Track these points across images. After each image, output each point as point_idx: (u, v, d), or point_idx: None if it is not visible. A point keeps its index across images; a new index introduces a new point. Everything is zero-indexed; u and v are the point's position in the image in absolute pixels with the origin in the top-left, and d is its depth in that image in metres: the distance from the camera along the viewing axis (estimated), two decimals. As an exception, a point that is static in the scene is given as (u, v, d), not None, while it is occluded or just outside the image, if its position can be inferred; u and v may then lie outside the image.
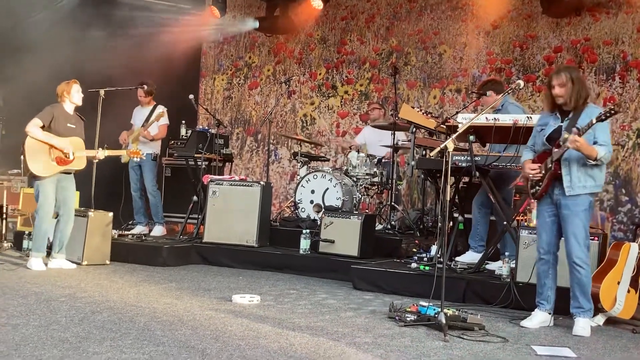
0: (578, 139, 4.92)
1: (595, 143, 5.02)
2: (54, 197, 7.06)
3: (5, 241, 8.16)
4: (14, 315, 4.69)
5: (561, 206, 5.16)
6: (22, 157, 6.95)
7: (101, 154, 7.23)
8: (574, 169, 5.10)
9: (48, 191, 6.99)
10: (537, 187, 5.25)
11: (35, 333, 4.21)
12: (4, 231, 8.24)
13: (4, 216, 8.30)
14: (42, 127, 6.92)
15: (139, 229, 8.85)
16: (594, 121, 4.89)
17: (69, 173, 7.13)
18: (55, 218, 7.16)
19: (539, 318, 5.26)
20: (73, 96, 7.12)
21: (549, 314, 5.28)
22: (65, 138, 7.00)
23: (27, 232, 7.63)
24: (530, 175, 5.27)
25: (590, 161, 5.00)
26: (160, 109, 8.75)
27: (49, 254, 7.16)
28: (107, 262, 7.46)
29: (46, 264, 6.99)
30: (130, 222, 9.09)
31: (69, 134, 7.05)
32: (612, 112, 4.85)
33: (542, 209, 5.32)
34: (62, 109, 7.10)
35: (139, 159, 7.64)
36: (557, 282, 5.34)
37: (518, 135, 5.91)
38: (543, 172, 5.20)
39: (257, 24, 11.04)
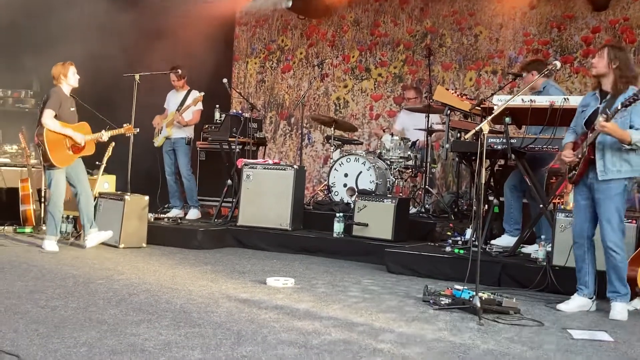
0: (605, 124, 4.82)
1: (631, 127, 4.92)
2: (64, 184, 7.16)
3: (43, 224, 8.29)
4: (52, 297, 4.78)
5: (595, 190, 5.07)
6: (39, 148, 7.03)
7: (105, 135, 7.29)
8: (608, 153, 4.99)
9: (60, 179, 7.09)
10: (574, 172, 5.17)
11: (74, 315, 4.28)
12: (42, 214, 8.38)
13: (43, 200, 8.44)
14: (56, 116, 7.01)
15: (174, 213, 8.93)
16: (620, 107, 4.79)
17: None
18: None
19: (577, 302, 5.19)
20: (70, 78, 7.13)
21: (590, 299, 5.19)
22: (74, 125, 7.08)
23: (65, 216, 7.74)
24: (567, 160, 5.20)
25: (625, 145, 4.90)
26: (197, 93, 8.78)
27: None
28: (144, 245, 7.56)
29: (83, 245, 7.14)
30: (165, 206, 9.18)
31: (72, 118, 7.14)
32: (636, 97, 4.74)
33: (578, 192, 5.24)
34: (62, 92, 7.14)
35: (128, 134, 7.58)
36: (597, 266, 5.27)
37: (554, 117, 5.82)
38: (579, 156, 5.12)
39: (290, 3, 10.95)
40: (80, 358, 3.38)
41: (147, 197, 7.72)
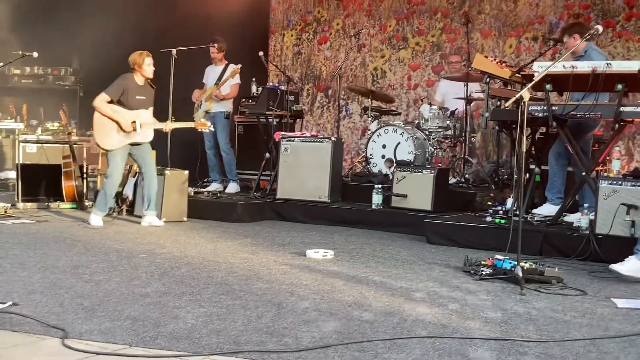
0: None
1: None
2: (122, 167, 7.28)
3: (87, 200, 8.43)
4: (96, 271, 4.86)
5: None
6: (91, 130, 7.15)
7: (168, 126, 7.36)
8: None
9: (117, 161, 7.18)
10: None
11: (117, 288, 4.35)
12: (85, 190, 8.51)
13: (85, 176, 8.57)
14: (110, 101, 7.08)
15: (214, 187, 8.99)
16: None
17: (139, 144, 7.28)
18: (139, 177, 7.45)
19: (633, 265, 5.00)
20: (144, 70, 7.19)
21: None
22: (133, 111, 7.12)
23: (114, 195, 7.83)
24: None
25: None
26: (234, 66, 8.77)
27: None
28: (185, 219, 7.64)
29: (141, 220, 7.32)
30: (205, 180, 9.25)
31: (139, 106, 7.18)
32: None
33: None
34: (133, 80, 7.20)
35: (204, 130, 7.64)
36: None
37: (597, 83, 5.69)
38: None
39: None
40: (124, 331, 3.44)
41: (186, 172, 7.79)
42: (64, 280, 4.55)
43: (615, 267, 5.05)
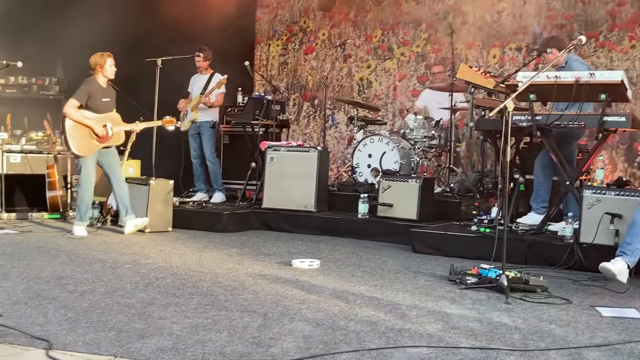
0: None
1: None
2: (93, 172, 7.23)
3: (70, 210, 8.38)
4: (81, 282, 4.83)
5: None
6: (63, 137, 7.13)
7: (138, 127, 7.34)
8: None
9: (89, 166, 7.16)
10: None
11: (102, 299, 4.32)
12: (69, 200, 8.46)
13: (69, 186, 8.52)
14: (80, 106, 7.05)
15: (199, 196, 8.97)
16: None
17: (109, 147, 7.25)
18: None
19: (620, 266, 4.90)
20: (106, 70, 7.17)
21: (628, 268, 4.90)
22: (102, 115, 7.11)
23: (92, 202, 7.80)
24: None
25: None
26: (221, 76, 8.77)
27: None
28: (169, 229, 7.61)
29: (123, 229, 7.25)
30: (190, 190, 9.23)
31: (105, 108, 7.17)
32: None
33: None
34: (96, 83, 7.18)
35: (170, 127, 7.63)
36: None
37: (580, 92, 5.73)
38: None
39: None
40: (109, 342, 3.42)
41: (171, 182, 7.77)
42: (48, 290, 4.52)
43: (605, 264, 4.90)
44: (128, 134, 7.40)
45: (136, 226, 7.22)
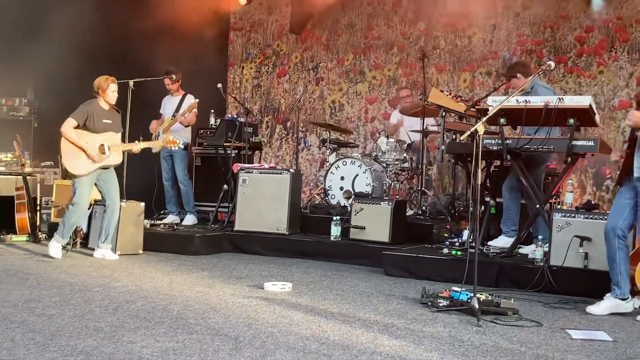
0: (630, 117, 4.79)
1: None
2: (90, 194, 7.20)
3: (39, 232, 8.28)
4: (49, 305, 4.76)
5: (637, 192, 4.96)
6: (59, 156, 7.08)
7: (137, 147, 7.31)
8: None
9: (84, 188, 7.10)
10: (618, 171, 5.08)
11: (71, 323, 4.26)
12: (38, 223, 8.35)
13: (38, 208, 8.41)
14: (77, 126, 7.02)
15: (170, 219, 8.90)
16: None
17: (107, 168, 7.20)
18: (103, 209, 7.32)
19: (608, 304, 5.06)
20: (108, 95, 7.15)
21: (623, 300, 5.04)
22: (100, 135, 7.07)
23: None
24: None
25: None
26: (192, 100, 8.73)
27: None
28: (140, 251, 7.54)
29: (94, 252, 7.20)
30: (162, 212, 9.16)
31: (105, 130, 7.14)
32: None
33: (624, 191, 5.07)
34: (97, 105, 7.16)
35: (174, 147, 7.63)
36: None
37: (549, 117, 5.82)
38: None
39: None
40: (78, 366, 3.37)
41: (143, 204, 7.70)
42: (15, 314, 4.44)
43: (590, 309, 5.08)
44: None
45: (104, 257, 7.14)
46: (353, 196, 7.97)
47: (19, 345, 3.70)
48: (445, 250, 6.66)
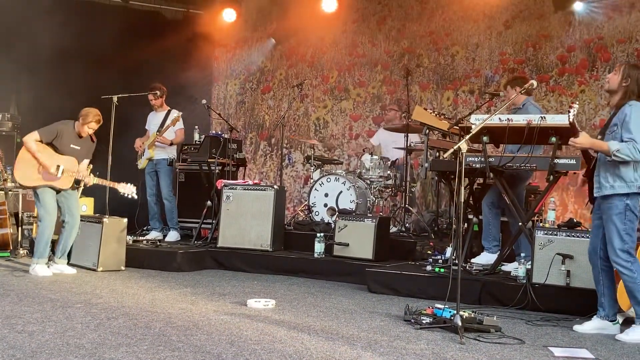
0: (574, 140, 4.89)
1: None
2: (53, 206, 7.13)
3: (21, 248, 8.21)
4: (30, 322, 4.71)
5: (601, 210, 5.02)
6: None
7: (91, 180, 7.18)
8: (602, 168, 4.96)
9: (46, 200, 7.06)
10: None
11: (52, 340, 4.22)
12: (19, 238, 8.28)
13: (20, 223, 8.34)
14: (41, 141, 7.00)
15: (153, 235, 8.86)
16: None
17: (54, 188, 7.13)
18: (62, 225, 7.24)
19: (593, 324, 5.09)
20: (84, 128, 7.09)
21: (610, 321, 5.06)
22: (61, 156, 7.05)
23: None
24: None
25: (609, 157, 4.84)
26: (175, 113, 8.74)
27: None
28: (122, 268, 7.49)
29: (50, 268, 7.10)
30: (145, 228, 9.12)
31: (71, 154, 7.11)
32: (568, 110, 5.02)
33: (594, 212, 5.15)
34: (71, 128, 7.15)
35: (130, 197, 7.46)
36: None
37: (532, 135, 5.87)
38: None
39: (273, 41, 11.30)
40: (58, 384, 3.33)
41: (125, 220, 7.66)
42: (-6, 331, 4.40)
43: (576, 327, 5.11)
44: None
45: (62, 272, 7.08)
46: (337, 213, 7.98)
47: (-1, 363, 3.66)
48: (429, 268, 6.67)
